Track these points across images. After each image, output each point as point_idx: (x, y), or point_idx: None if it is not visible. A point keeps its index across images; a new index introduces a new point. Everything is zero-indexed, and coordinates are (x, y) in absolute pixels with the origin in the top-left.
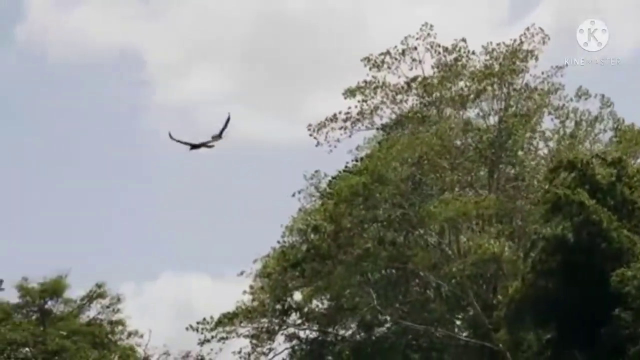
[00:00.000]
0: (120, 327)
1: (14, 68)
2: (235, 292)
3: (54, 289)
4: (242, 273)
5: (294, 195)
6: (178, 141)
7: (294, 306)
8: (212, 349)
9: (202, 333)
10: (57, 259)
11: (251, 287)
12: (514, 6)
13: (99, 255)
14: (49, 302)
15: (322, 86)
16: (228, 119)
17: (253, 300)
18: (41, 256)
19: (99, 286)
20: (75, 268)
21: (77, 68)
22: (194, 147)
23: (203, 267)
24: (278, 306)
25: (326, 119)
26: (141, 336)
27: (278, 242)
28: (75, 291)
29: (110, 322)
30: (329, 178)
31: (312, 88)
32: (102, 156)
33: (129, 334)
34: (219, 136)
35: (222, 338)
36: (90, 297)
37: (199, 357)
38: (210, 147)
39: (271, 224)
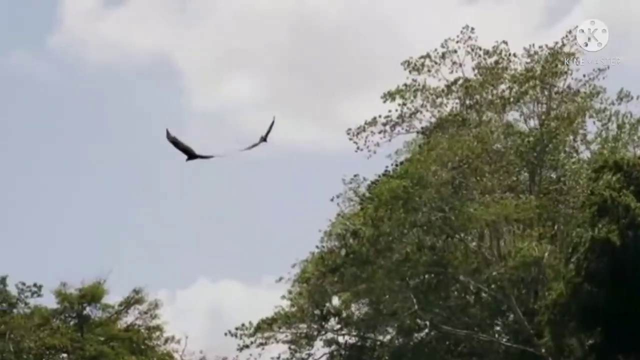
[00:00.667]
0: (157, 333)
1: (48, 76)
2: (268, 299)
3: (93, 294)
4: (280, 279)
5: (332, 200)
6: (174, 142)
7: (332, 311)
8: (251, 355)
9: (241, 339)
10: (93, 266)
11: (289, 292)
12: (551, 8)
13: (133, 263)
14: (87, 308)
15: (357, 92)
16: (273, 122)
17: (291, 305)
18: (78, 262)
19: (136, 292)
20: (110, 275)
21: (112, 76)
22: (190, 157)
23: (237, 274)
24: (317, 311)
25: (366, 123)
26: (177, 342)
27: (317, 247)
28: (111, 297)
29: (148, 328)
30: (368, 182)
31: (347, 94)
32: (137, 163)
33: (166, 340)
34: (264, 139)
35: (261, 344)
36: (128, 303)
37: None
38: (207, 158)
39: (307, 230)
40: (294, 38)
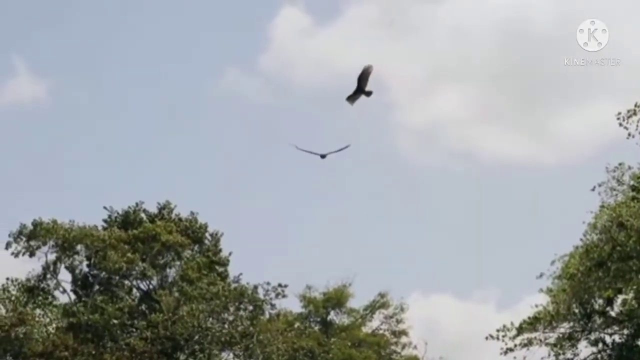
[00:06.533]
0: (402, 338)
1: (260, 95)
2: (476, 312)
3: (338, 298)
4: (541, 275)
5: (593, 189)
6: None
7: (597, 309)
8: (515, 358)
9: (503, 341)
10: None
11: (549, 289)
12: None
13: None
14: (332, 313)
15: (570, 104)
16: (367, 70)
17: (552, 302)
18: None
19: (382, 295)
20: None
21: (321, 93)
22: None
23: (448, 288)
24: (581, 309)
25: (636, 106)
26: (415, 347)
27: (580, 239)
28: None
29: (393, 332)
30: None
31: (559, 106)
32: (351, 177)
33: (403, 346)
34: (364, 92)
35: (525, 344)
36: (373, 307)
37: None
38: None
39: (519, 247)
40: (505, 51)
